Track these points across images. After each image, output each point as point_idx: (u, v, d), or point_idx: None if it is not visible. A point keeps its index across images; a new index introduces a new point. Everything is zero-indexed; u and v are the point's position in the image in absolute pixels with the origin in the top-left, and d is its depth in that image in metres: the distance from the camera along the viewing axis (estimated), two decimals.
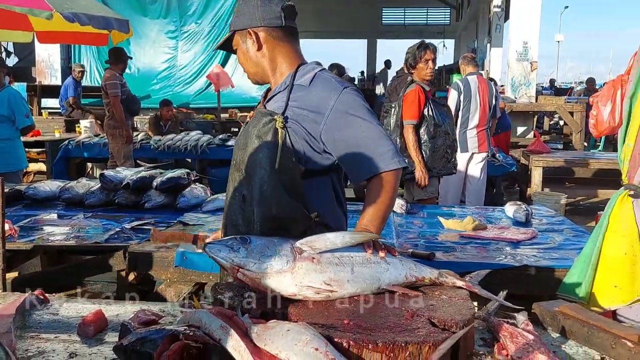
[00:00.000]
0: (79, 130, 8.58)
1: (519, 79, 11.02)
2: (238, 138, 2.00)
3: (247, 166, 1.86)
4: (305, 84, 1.85)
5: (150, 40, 12.48)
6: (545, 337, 1.55)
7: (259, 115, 1.88)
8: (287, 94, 1.85)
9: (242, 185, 1.90)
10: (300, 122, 1.80)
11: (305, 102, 1.81)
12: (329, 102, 1.79)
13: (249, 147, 1.86)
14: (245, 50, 1.93)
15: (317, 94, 1.81)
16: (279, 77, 1.94)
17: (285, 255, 1.49)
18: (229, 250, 1.48)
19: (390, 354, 1.27)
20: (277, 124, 1.79)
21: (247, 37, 1.91)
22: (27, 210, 3.86)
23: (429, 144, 4.45)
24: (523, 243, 3.17)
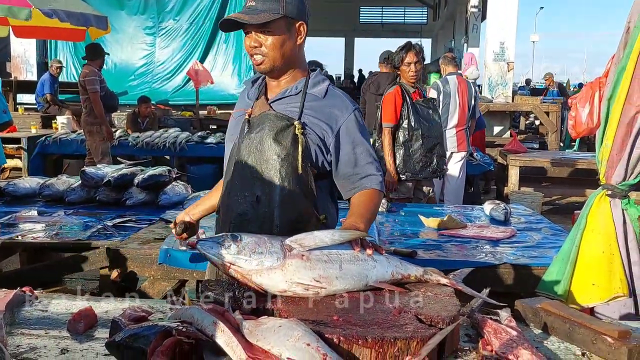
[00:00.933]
0: (56, 126, 8.47)
1: (495, 78, 11.17)
2: (243, 136, 1.95)
3: (264, 168, 1.90)
4: (319, 95, 1.95)
5: (128, 36, 12.34)
6: (528, 333, 1.59)
7: (273, 118, 1.91)
8: (301, 100, 1.93)
9: (255, 186, 1.91)
10: (314, 130, 1.92)
11: (319, 113, 1.93)
12: (341, 118, 1.93)
13: (265, 149, 1.90)
14: (284, 39, 1.88)
15: (330, 108, 1.94)
16: (291, 78, 1.97)
17: (275, 253, 1.52)
18: (221, 247, 1.50)
19: (379, 349, 1.30)
20: (296, 129, 1.88)
21: (295, 28, 1.90)
22: (7, 207, 3.81)
23: (402, 147, 4.45)
24: (502, 241, 3.24)
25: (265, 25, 1.84)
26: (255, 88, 2.04)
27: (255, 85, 2.05)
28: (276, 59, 1.89)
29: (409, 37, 18.95)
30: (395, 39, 24.90)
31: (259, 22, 1.83)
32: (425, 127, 4.46)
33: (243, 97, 2.09)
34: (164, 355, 1.25)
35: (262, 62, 1.89)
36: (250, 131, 1.94)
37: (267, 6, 1.84)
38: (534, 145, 10.82)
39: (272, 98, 1.97)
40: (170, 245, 2.90)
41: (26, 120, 9.03)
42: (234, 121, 2.05)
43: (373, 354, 1.30)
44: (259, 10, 1.84)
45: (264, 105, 1.96)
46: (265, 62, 1.89)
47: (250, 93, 2.05)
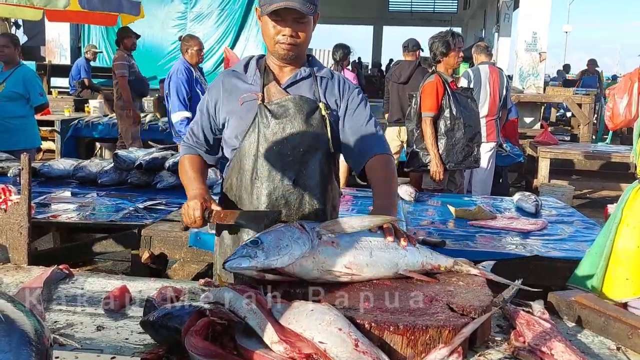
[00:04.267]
0: (88, 110, 8.59)
1: (527, 69, 10.97)
2: (264, 122, 1.93)
3: (299, 151, 1.93)
4: (327, 76, 2.04)
5: (159, 20, 12.42)
6: (561, 326, 1.57)
7: (299, 102, 1.94)
8: (314, 83, 2.00)
9: (289, 168, 1.93)
10: (331, 110, 1.98)
11: (331, 94, 2.01)
12: (348, 95, 2.03)
13: (297, 132, 1.92)
14: (311, 28, 1.93)
15: (338, 87, 2.03)
16: (298, 62, 2.00)
17: (300, 240, 1.51)
18: (249, 259, 1.45)
19: (411, 336, 1.30)
20: (322, 111, 1.95)
21: (315, 17, 1.94)
22: (42, 187, 3.90)
23: (445, 136, 4.40)
24: (533, 233, 3.20)
25: (303, 17, 1.85)
26: (254, 73, 2.00)
27: (250, 69, 2.01)
28: (304, 48, 1.95)
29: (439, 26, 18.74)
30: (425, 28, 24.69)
31: (312, 12, 1.85)
32: (467, 116, 4.43)
33: (235, 84, 2.01)
34: (198, 335, 1.26)
35: (292, 50, 1.91)
36: (275, 117, 1.93)
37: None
38: (565, 138, 10.62)
39: (285, 82, 1.98)
40: (201, 229, 2.94)
41: (59, 103, 9.18)
42: (244, 111, 1.96)
43: (404, 341, 1.29)
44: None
45: (281, 92, 1.96)
46: (295, 50, 1.91)
47: (250, 78, 2.00)
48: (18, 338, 1.13)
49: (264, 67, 2.00)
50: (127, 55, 6.98)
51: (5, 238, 1.87)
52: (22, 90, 5.11)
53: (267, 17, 1.85)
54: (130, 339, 1.40)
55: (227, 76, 2.05)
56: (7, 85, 5.04)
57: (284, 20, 1.85)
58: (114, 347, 1.34)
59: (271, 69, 2.00)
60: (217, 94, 2.02)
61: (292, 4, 1.79)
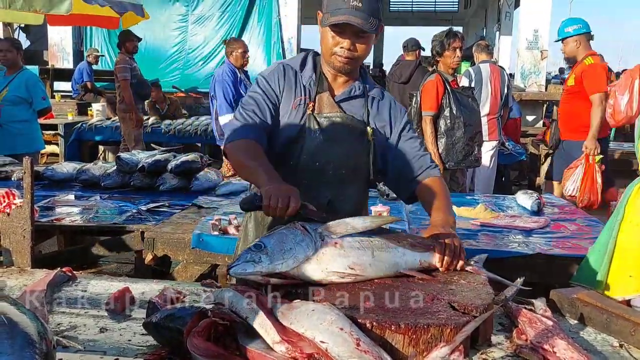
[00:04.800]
0: (91, 113, 8.63)
1: (528, 67, 10.95)
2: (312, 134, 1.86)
3: (340, 172, 1.88)
4: (377, 97, 1.98)
5: (161, 23, 12.43)
6: (564, 324, 1.57)
7: (350, 122, 1.89)
8: (365, 103, 1.94)
9: (327, 187, 1.87)
10: (378, 136, 1.94)
11: (380, 118, 1.96)
12: (400, 123, 1.98)
13: (341, 153, 1.87)
14: (370, 44, 1.85)
15: (389, 111, 1.98)
16: (353, 75, 1.94)
17: (304, 242, 1.50)
18: (253, 264, 1.43)
19: (412, 335, 1.30)
20: (369, 136, 1.90)
21: (380, 31, 1.84)
22: (45, 191, 3.91)
23: (445, 136, 4.40)
24: (535, 231, 3.19)
25: (365, 32, 1.76)
26: (309, 76, 1.92)
27: (307, 71, 1.93)
28: (361, 62, 1.88)
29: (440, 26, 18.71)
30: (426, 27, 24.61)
31: (374, 30, 1.75)
32: (467, 115, 4.43)
33: (294, 80, 1.92)
34: (200, 335, 1.27)
35: (349, 64, 1.84)
36: (323, 131, 1.86)
37: (372, 8, 1.75)
38: None
39: (338, 96, 1.91)
40: (203, 230, 2.95)
41: (62, 107, 9.21)
42: (293, 110, 1.88)
43: (406, 340, 1.30)
44: (367, 13, 1.73)
45: (332, 105, 1.90)
46: (352, 63, 1.84)
47: (305, 79, 1.92)
48: (21, 340, 1.14)
49: (319, 72, 1.93)
50: (129, 58, 7.00)
51: (9, 241, 1.88)
52: (25, 94, 5.13)
53: (328, 27, 1.79)
54: (133, 340, 1.41)
55: (287, 68, 1.95)
56: (10, 90, 5.07)
57: (344, 32, 1.78)
58: (117, 349, 1.35)
59: (325, 76, 1.93)
60: (281, 83, 1.91)
61: (354, 19, 1.72)
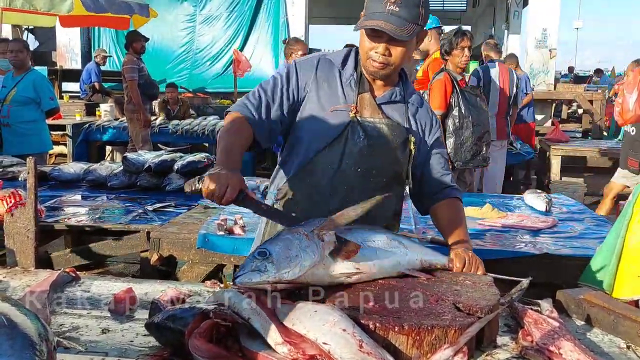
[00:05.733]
0: (99, 114, 8.65)
1: (537, 66, 10.89)
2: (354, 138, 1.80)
3: (382, 179, 1.84)
4: (416, 104, 1.94)
5: (168, 23, 12.46)
6: (570, 325, 1.55)
7: (394, 129, 1.84)
8: (405, 110, 1.90)
9: (366, 195, 1.70)
10: (416, 143, 1.90)
11: (418, 126, 1.93)
12: (432, 133, 1.96)
13: (385, 157, 1.83)
14: (412, 48, 1.79)
15: (424, 120, 1.95)
16: (392, 79, 1.88)
17: (309, 248, 1.45)
18: (259, 273, 1.36)
19: (416, 336, 1.28)
20: (411, 145, 1.87)
21: (420, 35, 1.78)
22: (52, 191, 3.93)
23: (453, 135, 4.37)
24: (543, 231, 3.16)
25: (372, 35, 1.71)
26: (350, 74, 1.85)
27: (348, 68, 1.86)
28: (398, 67, 1.81)
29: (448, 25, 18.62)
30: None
31: (408, 38, 1.68)
32: (475, 114, 4.39)
33: (333, 75, 1.85)
34: (202, 337, 1.26)
35: (384, 69, 1.77)
36: (367, 136, 1.80)
37: (410, 13, 1.68)
38: (576, 135, 10.53)
39: (380, 98, 1.86)
40: (209, 230, 2.95)
41: (71, 107, 9.24)
42: (329, 111, 1.81)
43: (410, 341, 1.28)
44: (403, 18, 1.67)
45: (374, 107, 1.84)
46: (387, 69, 1.78)
47: (346, 77, 1.85)
48: (21, 342, 1.13)
49: (360, 72, 1.86)
50: (137, 58, 7.02)
51: (13, 242, 1.88)
52: (33, 95, 5.15)
53: (364, 31, 1.74)
54: (135, 341, 1.40)
55: (324, 62, 1.87)
56: (18, 90, 5.10)
57: (379, 36, 1.72)
58: (118, 350, 1.34)
59: (366, 76, 1.86)
60: (309, 75, 1.83)
61: (385, 26, 1.66)
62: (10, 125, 5.07)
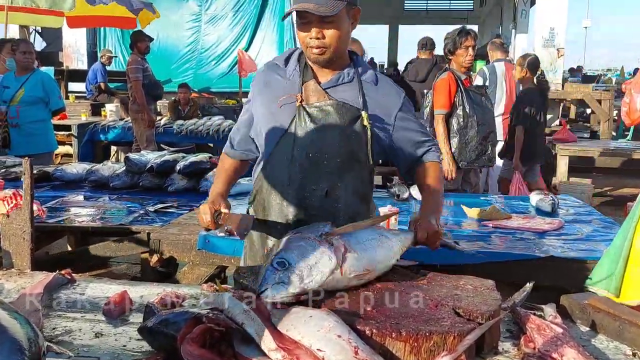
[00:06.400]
0: (105, 114, 8.66)
1: (544, 65, 10.80)
2: (302, 125, 1.83)
3: (334, 161, 1.84)
4: (371, 81, 1.92)
5: (173, 22, 12.48)
6: (574, 331, 1.51)
7: (340, 109, 1.83)
8: (358, 89, 1.87)
9: (323, 178, 1.83)
10: (374, 121, 1.87)
11: (377, 102, 1.90)
12: (397, 103, 1.93)
13: (335, 141, 1.83)
14: (346, 27, 1.80)
15: (384, 96, 1.93)
16: (339, 63, 1.88)
17: (324, 254, 1.41)
18: (284, 286, 1.32)
19: (413, 343, 1.25)
20: (364, 121, 1.84)
21: (352, 14, 1.82)
22: (55, 192, 3.92)
23: (458, 135, 4.32)
24: (549, 233, 3.11)
25: (330, 15, 1.72)
26: (293, 68, 1.90)
27: (291, 64, 1.91)
28: (337, 49, 1.80)
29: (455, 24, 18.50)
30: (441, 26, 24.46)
31: (332, 13, 1.70)
32: (480, 114, 4.33)
33: (273, 76, 1.91)
34: (194, 342, 1.23)
35: (323, 53, 1.79)
36: (313, 121, 1.82)
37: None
38: (584, 135, 10.44)
39: (325, 83, 1.87)
40: (209, 232, 2.91)
41: (76, 108, 9.26)
42: (277, 107, 1.86)
43: (407, 348, 1.25)
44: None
45: (320, 92, 1.85)
46: (327, 53, 1.79)
47: (289, 73, 1.90)
48: (9, 346, 1.12)
49: (304, 63, 1.89)
50: (141, 59, 7.01)
51: (9, 243, 1.86)
52: (41, 94, 5.16)
53: (297, 20, 1.77)
54: (128, 346, 1.37)
55: (267, 68, 1.95)
56: (27, 90, 5.09)
57: (309, 22, 1.75)
58: (111, 355, 1.32)
59: (312, 66, 1.89)
60: (256, 85, 1.94)
61: (306, 5, 1.69)
62: (20, 126, 5.07)
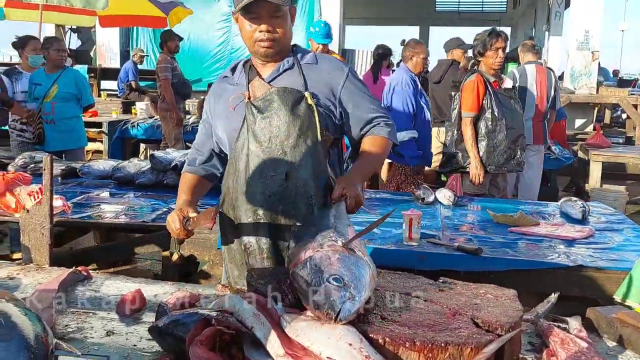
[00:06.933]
0: (135, 112, 8.78)
1: (579, 68, 10.58)
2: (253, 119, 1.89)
3: (287, 144, 1.88)
4: (311, 62, 1.97)
5: (204, 23, 12.58)
6: (600, 346, 1.45)
7: (282, 94, 1.88)
8: (299, 72, 1.93)
9: (280, 164, 1.87)
10: (319, 97, 1.91)
11: (319, 81, 1.93)
12: (341, 78, 1.95)
13: (284, 125, 1.87)
14: (289, 22, 1.90)
15: (327, 71, 1.96)
16: (282, 57, 1.95)
17: (360, 263, 1.38)
18: (352, 302, 1.25)
19: (428, 354, 1.21)
20: (308, 100, 1.88)
21: (291, 11, 1.92)
22: (81, 188, 3.97)
23: (486, 138, 4.22)
24: (578, 241, 3.01)
25: (278, 10, 1.82)
26: (240, 73, 1.99)
27: (237, 71, 2.00)
28: (284, 43, 1.90)
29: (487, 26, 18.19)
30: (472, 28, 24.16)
31: (285, 3, 1.81)
32: (509, 117, 4.23)
33: (224, 87, 2.01)
34: (203, 344, 1.21)
35: (272, 47, 1.87)
36: (260, 112, 1.89)
37: None
38: (619, 140, 10.17)
39: (268, 77, 1.94)
40: None
41: (108, 105, 9.41)
42: (231, 111, 1.93)
43: (421, 358, 1.20)
44: None
45: (264, 85, 1.92)
46: (275, 46, 1.87)
47: (236, 79, 1.98)
48: (17, 343, 1.11)
49: (249, 66, 1.98)
50: (171, 58, 7.07)
51: (28, 239, 1.87)
52: (74, 91, 5.25)
53: (242, 16, 1.83)
54: (138, 345, 1.36)
55: (217, 82, 2.06)
56: (60, 87, 5.18)
57: (259, 17, 1.82)
58: (120, 354, 1.31)
59: (255, 67, 1.97)
60: (210, 99, 2.03)
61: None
62: (55, 122, 5.16)
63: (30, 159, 4.33)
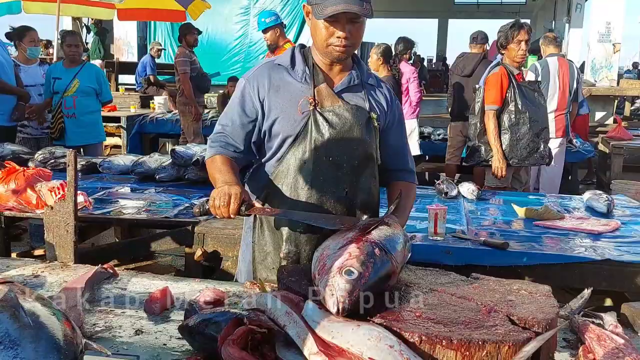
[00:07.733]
0: (153, 106, 8.78)
1: (599, 61, 10.41)
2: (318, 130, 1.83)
3: (354, 162, 1.87)
4: (375, 84, 1.99)
5: (223, 16, 12.58)
6: (637, 342, 1.41)
7: (357, 113, 1.86)
8: (364, 92, 1.93)
9: (342, 180, 1.85)
10: (380, 122, 1.95)
11: (379, 103, 1.97)
12: (391, 111, 2.00)
13: (353, 141, 1.86)
14: (363, 30, 1.84)
15: (385, 98, 2.00)
16: (347, 62, 1.91)
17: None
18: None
19: (465, 352, 1.18)
20: (374, 122, 1.90)
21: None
22: (102, 183, 3.97)
23: (509, 131, 4.17)
24: (604, 235, 2.97)
25: (358, 17, 1.75)
26: (302, 67, 1.88)
27: (298, 64, 1.89)
28: (356, 48, 1.87)
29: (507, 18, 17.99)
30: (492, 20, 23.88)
31: (369, 14, 1.74)
32: (533, 110, 4.17)
33: (283, 78, 1.87)
34: (235, 344, 1.19)
35: (346, 52, 1.82)
36: (331, 125, 1.82)
37: None
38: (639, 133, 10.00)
39: (337, 87, 1.89)
40: None
41: (126, 100, 9.41)
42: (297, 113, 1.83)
43: (458, 357, 1.18)
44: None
45: (333, 97, 1.86)
46: (349, 52, 1.83)
47: (299, 74, 1.87)
48: (45, 344, 1.09)
49: (312, 64, 1.89)
50: (189, 51, 7.05)
51: (52, 236, 1.87)
52: (95, 85, 5.28)
53: (322, 20, 1.75)
54: (168, 344, 1.35)
55: (273, 69, 1.89)
56: (81, 81, 5.19)
57: (339, 21, 1.75)
58: (150, 354, 1.29)
59: (320, 67, 1.89)
60: (263, 89, 1.85)
61: (351, 7, 1.70)
62: (77, 116, 5.18)
63: (50, 155, 4.34)
